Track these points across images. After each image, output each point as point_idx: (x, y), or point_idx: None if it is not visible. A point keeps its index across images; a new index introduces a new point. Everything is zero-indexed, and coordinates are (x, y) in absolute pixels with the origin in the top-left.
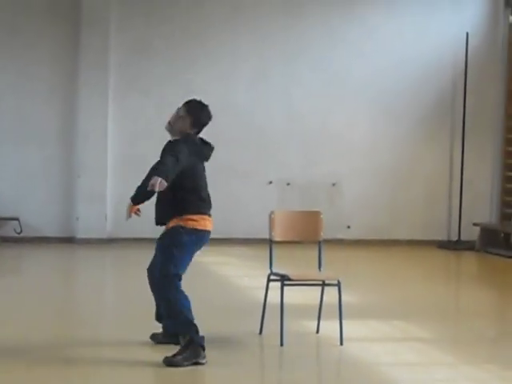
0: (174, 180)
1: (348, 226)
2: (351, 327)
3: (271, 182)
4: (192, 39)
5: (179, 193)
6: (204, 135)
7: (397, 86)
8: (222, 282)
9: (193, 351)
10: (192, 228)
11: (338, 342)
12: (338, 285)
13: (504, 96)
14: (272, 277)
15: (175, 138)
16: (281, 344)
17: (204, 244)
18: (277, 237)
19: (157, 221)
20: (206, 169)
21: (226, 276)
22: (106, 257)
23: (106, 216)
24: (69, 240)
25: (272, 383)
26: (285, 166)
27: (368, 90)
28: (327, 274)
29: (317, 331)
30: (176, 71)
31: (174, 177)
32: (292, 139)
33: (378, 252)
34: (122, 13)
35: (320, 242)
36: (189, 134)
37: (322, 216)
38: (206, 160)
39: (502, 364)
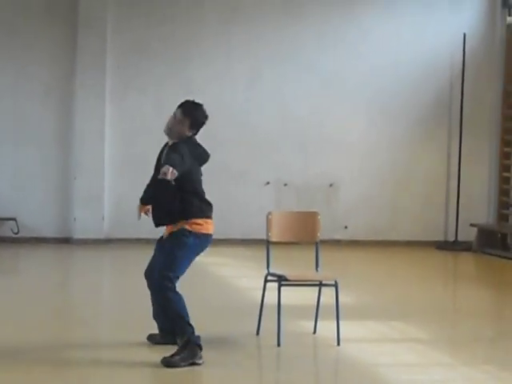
0: (176, 182)
1: (345, 227)
2: (348, 328)
3: (268, 183)
4: (190, 40)
5: (182, 196)
6: (200, 135)
7: (394, 87)
8: (219, 283)
9: (190, 351)
10: (198, 232)
11: (335, 343)
12: (336, 285)
13: (501, 97)
14: (269, 277)
15: (174, 142)
16: (278, 344)
17: (206, 247)
18: (274, 237)
19: (157, 223)
20: (203, 169)
21: (223, 276)
22: (103, 257)
23: (103, 217)
24: (66, 240)
25: (269, 383)
26: (282, 167)
27: (365, 91)
28: (324, 275)
29: (314, 332)
30: (174, 72)
31: (179, 176)
32: (289, 140)
33: (376, 252)
34: (120, 14)
35: (317, 243)
36: (188, 137)
37: (319, 217)
38: (204, 163)
39: (500, 365)
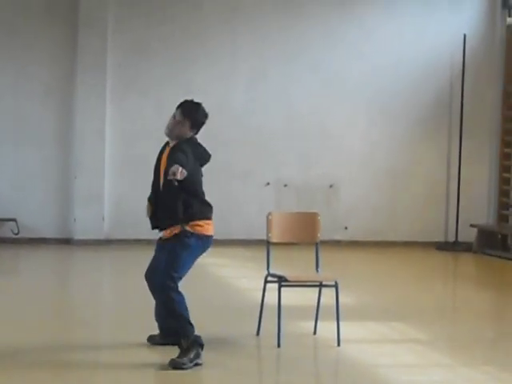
0: (178, 183)
1: (345, 228)
2: (348, 328)
3: (268, 184)
4: (191, 40)
5: (183, 197)
6: (201, 135)
7: (395, 87)
8: (219, 283)
9: (195, 352)
10: (199, 234)
11: (336, 344)
12: (336, 286)
13: (501, 97)
14: (269, 278)
15: (175, 143)
16: (278, 345)
17: (208, 249)
18: (274, 238)
19: (155, 225)
20: (203, 169)
21: (223, 277)
22: (104, 258)
23: (104, 217)
24: (66, 241)
25: None
26: (282, 167)
27: (366, 91)
28: (324, 276)
29: (314, 332)
30: (175, 72)
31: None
32: (290, 140)
33: (376, 253)
34: (120, 14)
35: (317, 244)
36: (190, 138)
37: (320, 217)
38: (205, 163)
39: (500, 366)
